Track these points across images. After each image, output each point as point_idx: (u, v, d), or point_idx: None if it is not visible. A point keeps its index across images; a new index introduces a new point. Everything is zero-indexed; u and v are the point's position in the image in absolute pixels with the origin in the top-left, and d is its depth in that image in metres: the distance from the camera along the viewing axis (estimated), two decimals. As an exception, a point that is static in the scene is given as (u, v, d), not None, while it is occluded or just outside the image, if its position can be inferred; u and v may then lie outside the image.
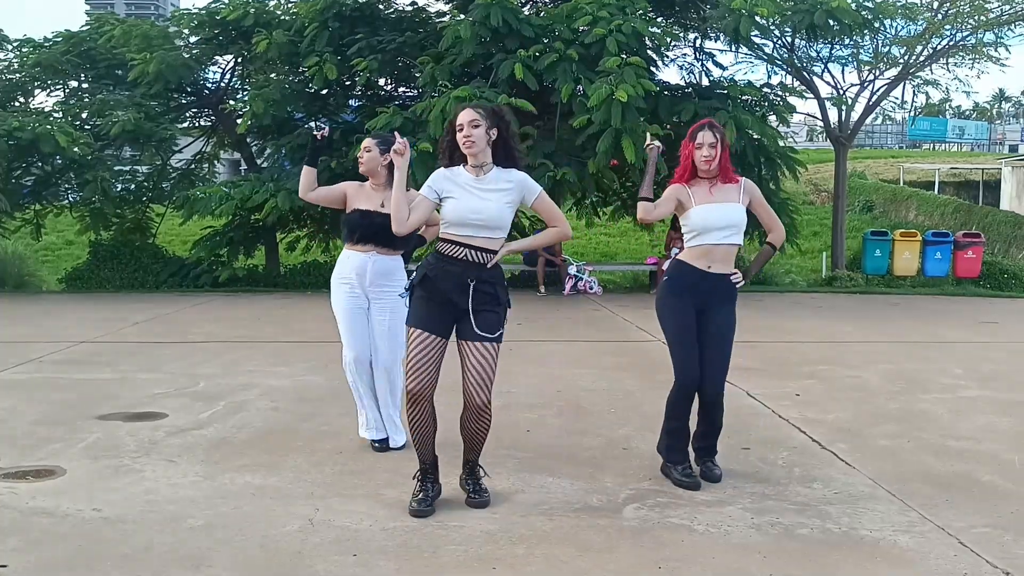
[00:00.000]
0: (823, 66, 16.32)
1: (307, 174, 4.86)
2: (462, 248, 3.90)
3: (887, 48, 16.56)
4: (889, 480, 4.46)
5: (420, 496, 4.01)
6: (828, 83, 16.66)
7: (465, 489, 4.12)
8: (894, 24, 15.88)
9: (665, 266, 4.41)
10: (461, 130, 3.92)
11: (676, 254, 4.44)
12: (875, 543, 3.66)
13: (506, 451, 4.89)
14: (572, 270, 13.43)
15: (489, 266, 3.91)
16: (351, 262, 4.86)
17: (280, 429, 5.33)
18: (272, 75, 14.85)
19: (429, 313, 3.92)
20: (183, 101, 16.40)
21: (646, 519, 3.91)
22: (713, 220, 4.37)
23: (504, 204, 3.94)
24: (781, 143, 13.78)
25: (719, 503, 4.11)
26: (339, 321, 4.91)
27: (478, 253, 3.91)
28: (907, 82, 17.60)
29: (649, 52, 13.32)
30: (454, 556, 3.49)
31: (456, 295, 3.89)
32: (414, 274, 4.05)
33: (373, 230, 4.80)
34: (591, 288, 13.27)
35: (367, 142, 5.01)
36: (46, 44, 15.23)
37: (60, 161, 14.07)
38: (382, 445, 4.91)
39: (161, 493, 4.19)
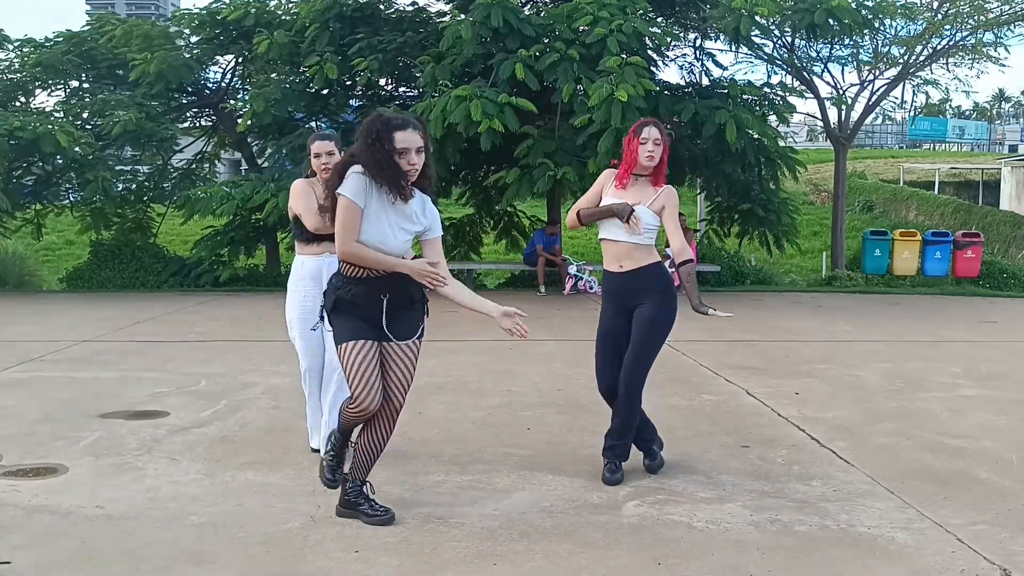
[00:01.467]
0: (823, 66, 16.36)
1: None
2: (363, 269, 3.64)
3: (887, 48, 16.61)
4: (887, 477, 4.48)
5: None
6: (828, 83, 16.72)
7: (358, 514, 3.80)
8: (894, 24, 15.93)
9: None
10: (404, 154, 3.53)
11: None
12: (873, 540, 3.68)
13: (507, 449, 4.91)
14: (572, 270, 13.45)
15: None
16: (305, 268, 4.65)
17: (281, 427, 5.35)
18: (273, 75, 14.87)
19: (351, 324, 3.67)
20: (184, 101, 16.44)
21: (646, 516, 3.93)
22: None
23: (408, 240, 3.68)
24: (781, 143, 13.81)
25: (718, 500, 4.14)
26: (293, 330, 4.67)
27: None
28: (907, 82, 17.64)
29: (650, 52, 13.35)
30: (455, 553, 3.51)
31: (369, 309, 3.66)
32: (324, 299, 3.81)
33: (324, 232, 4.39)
34: (591, 288, 13.28)
35: (325, 145, 4.57)
36: (47, 44, 15.26)
37: (61, 161, 14.11)
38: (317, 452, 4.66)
39: (163, 491, 4.21)
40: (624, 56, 11.72)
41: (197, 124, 17.34)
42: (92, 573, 3.31)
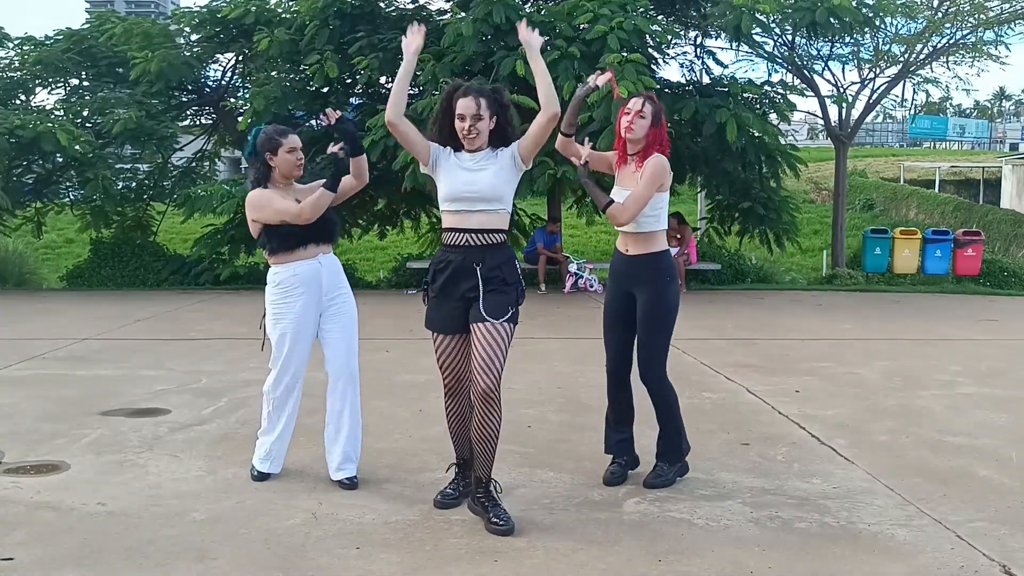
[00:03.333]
0: (824, 64, 16.35)
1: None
2: (461, 234, 3.78)
3: (887, 46, 16.58)
4: (887, 475, 4.49)
5: (447, 490, 4.03)
6: (829, 81, 16.69)
7: (480, 513, 3.79)
8: (894, 22, 15.90)
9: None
10: (463, 120, 3.77)
11: (675, 253, 4.44)
12: (873, 536, 3.69)
13: (508, 447, 4.91)
14: (572, 268, 13.46)
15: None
16: (298, 277, 4.26)
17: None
18: (273, 73, 14.87)
19: (442, 314, 3.85)
20: (184, 99, 16.44)
21: (646, 513, 3.94)
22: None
23: (498, 172, 3.80)
24: (782, 141, 13.80)
25: (718, 497, 4.15)
26: (281, 342, 4.32)
27: (478, 236, 3.77)
28: (907, 80, 17.65)
29: (650, 50, 13.34)
30: (456, 549, 3.52)
31: (463, 283, 3.78)
32: (427, 274, 3.93)
33: (313, 230, 4.28)
34: (591, 286, 13.30)
35: (297, 139, 4.34)
36: (47, 42, 15.28)
37: (61, 159, 14.11)
38: (262, 478, 4.36)
39: (165, 488, 4.23)
40: (624, 54, 11.72)
41: (197, 122, 17.36)
42: (94, 570, 3.32)
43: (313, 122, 15.27)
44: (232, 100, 16.03)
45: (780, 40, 15.40)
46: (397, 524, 3.77)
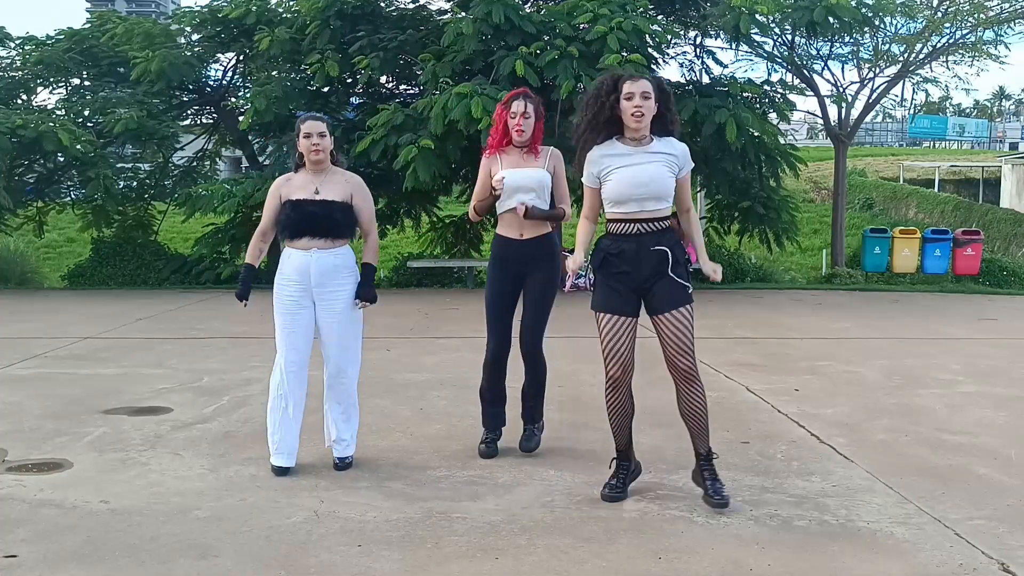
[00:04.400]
0: (823, 64, 16.37)
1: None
2: (632, 224, 3.90)
3: (887, 46, 16.61)
4: (886, 473, 4.51)
5: (612, 482, 4.12)
6: (828, 81, 16.72)
7: (702, 486, 3.99)
8: (894, 22, 15.93)
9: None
10: (631, 99, 3.84)
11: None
12: (872, 534, 3.71)
13: (508, 444, 4.93)
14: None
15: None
16: (291, 262, 4.44)
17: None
18: (274, 73, 14.89)
19: (613, 295, 3.95)
20: (185, 99, 16.45)
21: (646, 511, 3.96)
22: (519, 182, 4.52)
23: (665, 169, 3.92)
24: (781, 140, 13.82)
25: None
26: (277, 320, 4.49)
27: (648, 224, 3.89)
28: (907, 80, 17.65)
29: (650, 50, 13.35)
30: (457, 547, 3.54)
31: (639, 269, 3.90)
32: (591, 259, 4.05)
33: (306, 222, 4.39)
34: (591, 285, 13.30)
35: (318, 125, 4.43)
36: (48, 42, 15.29)
37: (62, 159, 14.13)
38: (281, 472, 4.42)
39: (167, 485, 4.25)
40: (624, 54, 11.74)
41: (198, 122, 17.37)
42: (97, 567, 3.34)
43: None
44: (233, 100, 16.05)
45: (780, 40, 15.41)
46: (398, 522, 3.79)
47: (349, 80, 14.63)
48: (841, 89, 16.50)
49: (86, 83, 15.70)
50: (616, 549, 3.53)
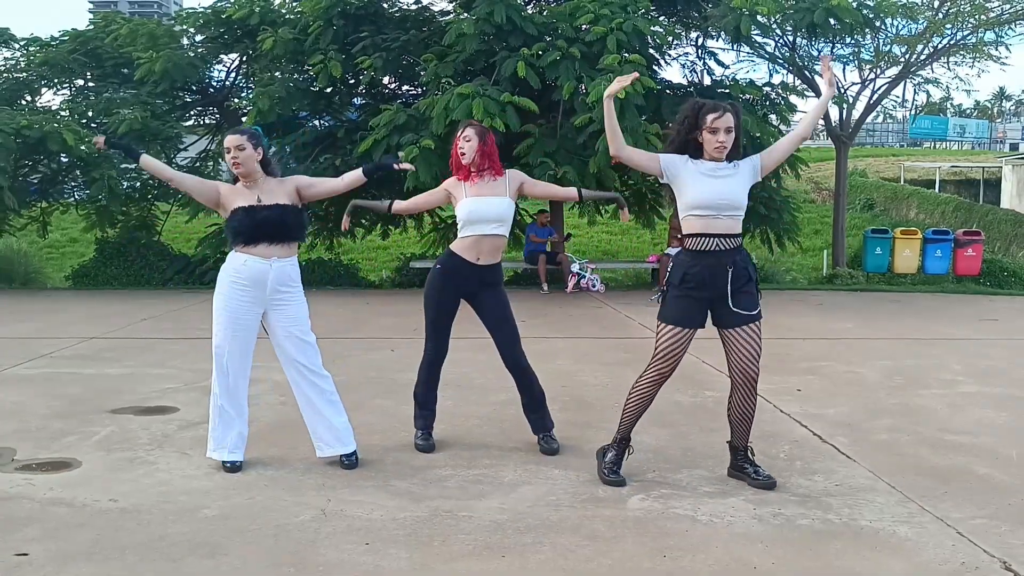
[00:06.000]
0: (824, 65, 16.36)
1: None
2: (710, 239, 4.11)
3: (888, 47, 16.64)
4: (888, 472, 4.54)
5: (615, 468, 4.36)
6: (829, 82, 16.70)
7: (745, 473, 4.36)
8: (895, 23, 15.96)
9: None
10: (715, 133, 4.11)
11: (676, 253, 4.55)
12: (875, 533, 3.74)
13: (513, 444, 4.98)
14: (575, 268, 13.52)
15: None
16: (248, 270, 4.41)
17: (289, 423, 5.39)
18: (277, 74, 14.93)
19: (685, 309, 4.16)
20: (188, 99, 16.49)
21: (650, 510, 3.99)
22: (481, 214, 4.69)
23: (743, 185, 4.18)
24: (782, 141, 13.83)
25: (721, 494, 4.20)
26: (219, 313, 4.47)
27: (725, 240, 4.12)
28: (908, 81, 17.68)
29: (651, 51, 13.40)
30: (464, 545, 3.58)
31: (715, 284, 4.12)
32: (670, 274, 4.25)
33: (262, 227, 4.42)
34: (594, 286, 13.36)
35: (236, 139, 4.49)
36: (53, 43, 15.33)
37: (67, 159, 14.16)
38: (233, 467, 4.47)
39: (175, 484, 4.28)
40: (624, 54, 11.77)
41: (201, 123, 17.41)
42: (107, 565, 3.37)
43: (316, 121, 15.33)
44: (236, 100, 16.08)
45: (781, 41, 15.46)
46: (405, 521, 3.82)
47: (352, 81, 14.67)
48: (842, 90, 16.53)
49: (90, 84, 15.73)
50: (621, 547, 3.57)
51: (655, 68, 14.01)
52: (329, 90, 14.48)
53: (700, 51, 15.98)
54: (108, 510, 3.93)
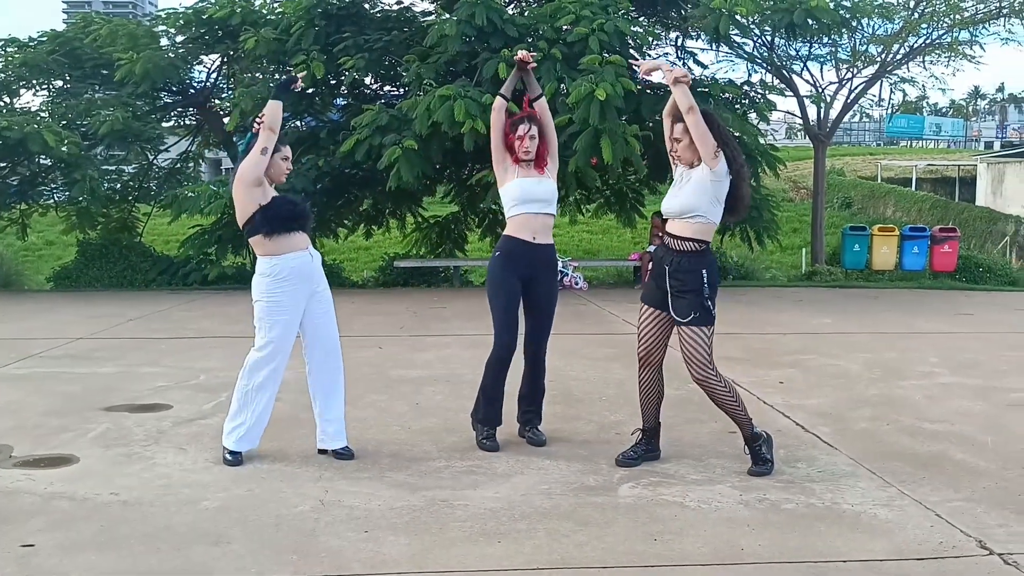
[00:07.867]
0: (802, 64, 16.60)
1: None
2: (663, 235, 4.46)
3: (865, 47, 16.86)
4: (869, 459, 4.69)
5: (629, 452, 4.59)
6: (807, 81, 16.95)
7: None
8: (871, 23, 16.18)
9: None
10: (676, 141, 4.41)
11: (654, 250, 4.71)
12: (856, 516, 3.88)
13: (503, 437, 5.07)
14: (558, 266, 13.61)
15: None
16: (291, 265, 4.51)
17: (283, 418, 5.45)
18: (258, 75, 14.95)
19: (649, 291, 4.50)
20: (168, 100, 16.46)
21: (640, 497, 4.12)
22: (531, 194, 4.82)
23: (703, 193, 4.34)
24: (761, 140, 14.02)
25: (709, 481, 4.33)
26: (277, 321, 4.53)
27: (673, 240, 4.37)
28: (884, 80, 17.93)
29: (631, 51, 13.51)
30: (461, 532, 3.68)
31: (661, 280, 4.40)
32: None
33: (298, 215, 4.59)
34: (577, 284, 13.48)
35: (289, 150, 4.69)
36: (31, 44, 15.24)
37: (47, 161, 14.11)
38: (235, 460, 4.57)
39: (175, 478, 4.36)
40: (605, 55, 11.89)
41: (181, 123, 17.38)
42: (115, 553, 3.46)
43: (298, 122, 15.36)
44: (217, 101, 16.07)
45: (759, 41, 15.64)
46: (403, 509, 3.92)
47: (334, 81, 14.71)
48: (820, 89, 16.76)
49: (69, 85, 15.67)
50: (613, 532, 3.68)
51: (635, 68, 14.12)
52: (311, 91, 14.51)
53: (680, 51, 16.16)
54: (110, 503, 4.00)
